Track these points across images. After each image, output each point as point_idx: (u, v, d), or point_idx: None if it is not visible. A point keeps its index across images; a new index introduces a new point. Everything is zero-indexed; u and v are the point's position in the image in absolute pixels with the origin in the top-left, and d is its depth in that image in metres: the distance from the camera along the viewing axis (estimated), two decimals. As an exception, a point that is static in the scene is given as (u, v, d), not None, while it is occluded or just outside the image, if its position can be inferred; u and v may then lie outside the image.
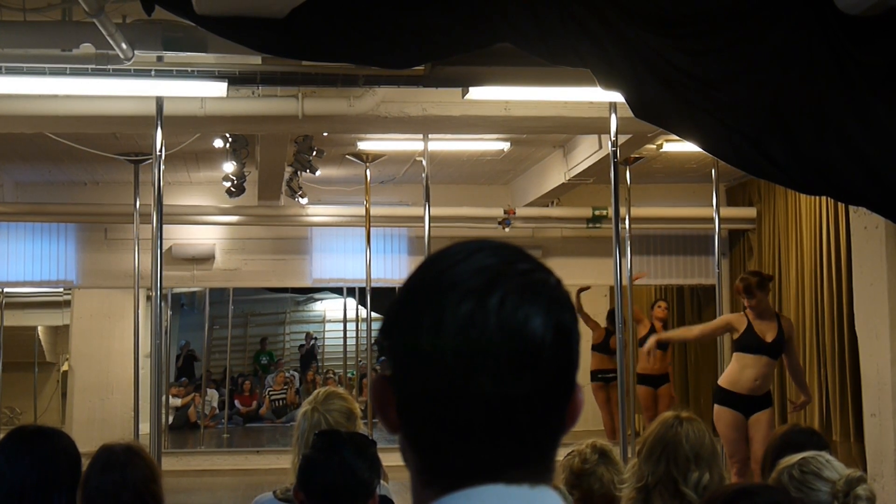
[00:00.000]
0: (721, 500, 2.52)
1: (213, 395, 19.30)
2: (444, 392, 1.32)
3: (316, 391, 4.33)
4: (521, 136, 11.04)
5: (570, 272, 14.88)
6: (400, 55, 5.83)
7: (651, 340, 8.76)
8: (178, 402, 18.65)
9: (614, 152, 8.47)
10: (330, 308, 22.61)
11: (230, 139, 10.64)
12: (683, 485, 3.45)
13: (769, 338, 8.23)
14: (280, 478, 12.58)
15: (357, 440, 3.33)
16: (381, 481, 4.00)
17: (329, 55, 6.12)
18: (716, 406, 8.54)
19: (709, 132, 5.70)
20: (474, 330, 1.31)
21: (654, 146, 11.18)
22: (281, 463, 13.44)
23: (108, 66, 6.68)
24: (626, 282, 11.68)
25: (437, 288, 1.34)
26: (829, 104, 5.55)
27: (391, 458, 9.90)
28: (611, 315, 14.16)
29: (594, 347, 14.09)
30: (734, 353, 8.52)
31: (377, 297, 12.96)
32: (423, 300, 1.35)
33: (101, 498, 3.55)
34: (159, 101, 7.55)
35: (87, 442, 13.35)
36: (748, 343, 8.27)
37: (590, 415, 15.73)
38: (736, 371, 8.34)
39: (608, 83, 5.83)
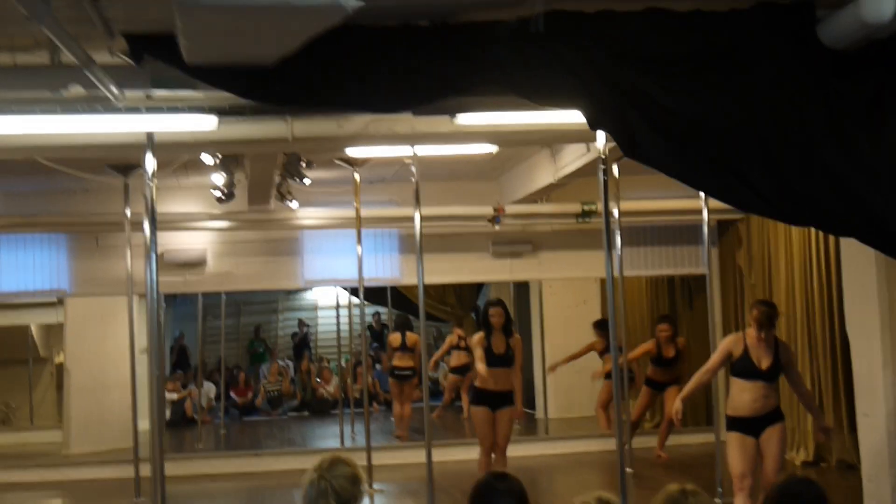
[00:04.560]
0: None
1: (209, 387, 19.39)
2: None
3: (321, 458, 4.38)
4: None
5: (561, 266, 14.98)
6: (391, 100, 5.87)
7: (678, 405, 8.75)
8: (173, 396, 18.73)
9: (603, 160, 8.51)
10: (322, 296, 22.67)
11: (219, 154, 10.67)
12: (689, 559, 3.50)
13: (764, 365, 8.27)
14: (280, 481, 12.74)
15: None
16: None
17: (317, 103, 6.16)
18: (728, 434, 8.60)
19: (698, 171, 5.75)
20: None
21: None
22: (279, 465, 13.63)
23: (98, 107, 6.70)
24: (616, 274, 11.79)
25: None
26: (814, 138, 5.61)
27: (385, 458, 9.95)
28: (601, 324, 14.37)
29: (601, 355, 14.48)
30: (731, 378, 8.56)
31: (369, 290, 13.13)
32: None
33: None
34: (150, 135, 7.59)
35: (87, 442, 13.56)
36: (743, 369, 8.30)
37: (586, 402, 15.93)
38: (736, 396, 8.40)
39: (596, 123, 5.89)
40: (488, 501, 4.33)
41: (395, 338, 15.68)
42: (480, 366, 10.07)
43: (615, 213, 11.77)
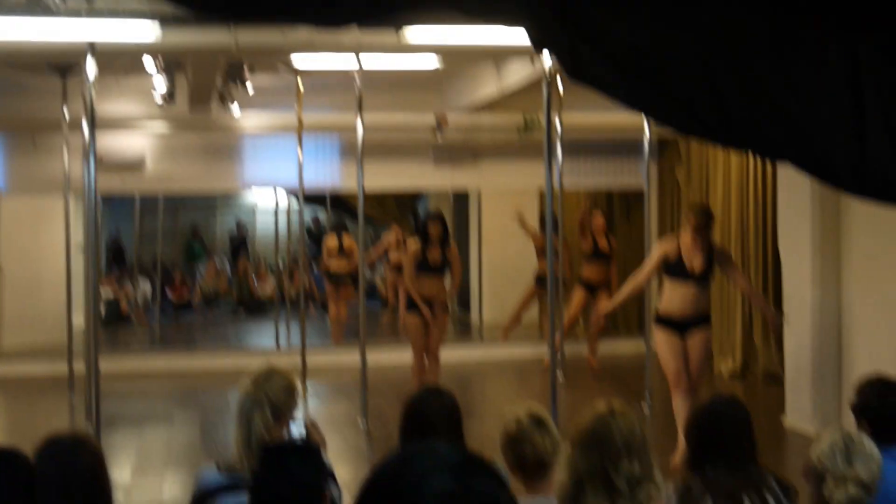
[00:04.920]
0: None
1: (144, 285, 19.33)
2: None
3: (256, 370, 4.43)
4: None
5: (502, 176, 15.05)
6: (335, 15, 5.82)
7: (606, 307, 8.87)
8: (108, 294, 18.66)
9: (547, 74, 8.56)
10: (261, 197, 22.60)
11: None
12: (615, 475, 3.61)
13: (697, 267, 8.44)
14: (214, 380, 12.80)
15: (303, 451, 3.47)
16: (332, 484, 4.18)
17: (261, 15, 6.09)
18: (655, 329, 8.84)
19: (640, 95, 5.77)
20: None
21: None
22: (213, 364, 13.70)
23: (38, 10, 6.61)
24: (556, 186, 11.87)
25: None
26: (757, 66, 5.64)
27: (320, 359, 10.04)
28: (542, 217, 14.43)
29: (540, 253, 14.55)
30: (664, 278, 8.73)
31: (308, 193, 13.20)
32: None
33: (50, 490, 3.61)
34: (91, 44, 7.50)
35: (19, 336, 13.49)
36: (676, 272, 8.47)
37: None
38: (668, 296, 8.58)
39: (540, 44, 5.87)
40: (421, 413, 4.43)
41: (331, 241, 15.75)
42: (411, 282, 10.35)
43: (557, 126, 11.82)
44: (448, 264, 10.45)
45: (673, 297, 8.55)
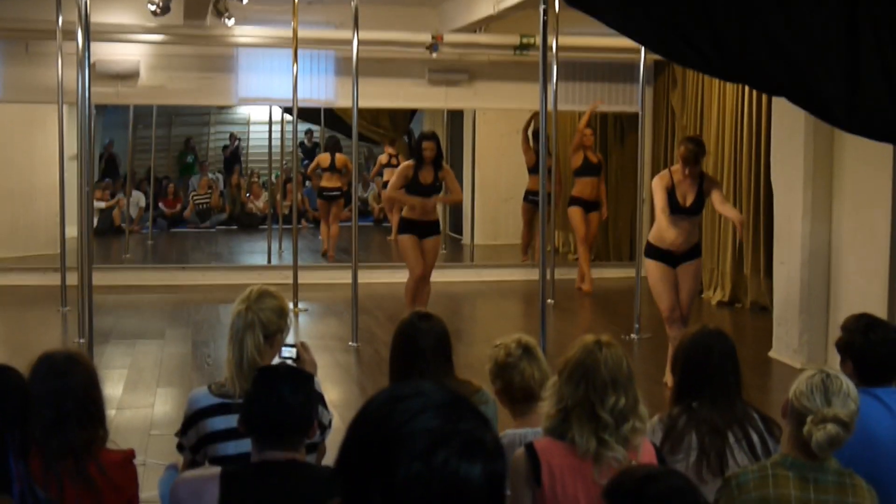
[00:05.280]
0: (629, 485, 2.76)
1: (138, 196, 19.31)
2: None
3: (248, 290, 4.46)
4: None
5: (497, 96, 14.99)
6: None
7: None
8: (101, 204, 18.65)
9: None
10: (255, 110, 22.48)
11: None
12: (600, 408, 3.67)
13: (689, 201, 8.45)
14: (206, 295, 12.88)
15: (294, 377, 3.51)
16: (322, 408, 4.23)
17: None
18: (645, 259, 8.89)
19: (638, 24, 5.79)
20: (422, 487, 1.55)
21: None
22: (205, 279, 13.76)
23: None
24: (550, 107, 11.84)
25: (388, 449, 1.57)
26: (756, 2, 5.65)
27: (312, 277, 10.06)
28: (536, 134, 14.39)
29: (530, 171, 14.59)
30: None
31: (303, 108, 13.12)
32: (374, 459, 1.59)
33: (43, 406, 3.66)
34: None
35: (11, 247, 13.53)
36: (669, 205, 8.46)
37: (512, 230, 16.18)
38: (659, 228, 8.60)
39: (540, -30, 5.87)
40: (411, 339, 4.49)
41: (324, 158, 15.76)
42: (393, 194, 10.35)
43: (553, 46, 11.76)
44: (440, 187, 10.44)
45: (665, 229, 8.57)
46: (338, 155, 15.59)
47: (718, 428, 4.18)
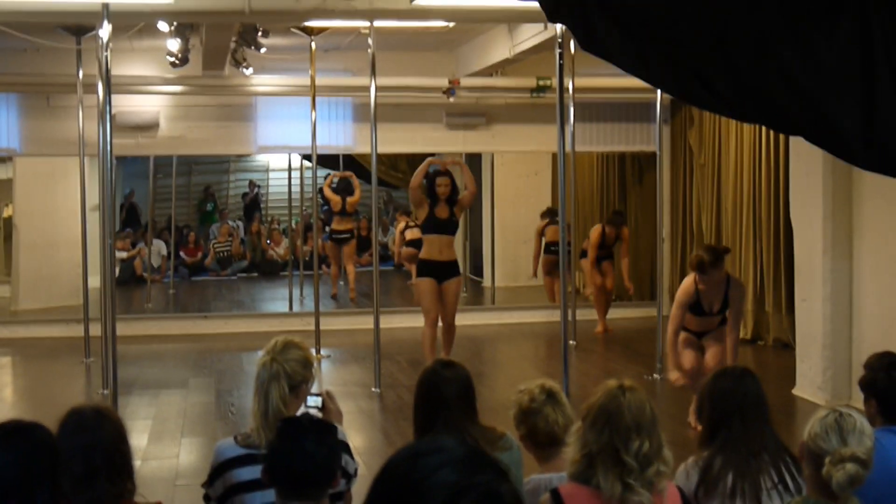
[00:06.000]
0: None
1: (159, 245, 19.39)
2: None
3: (273, 341, 4.48)
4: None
5: (515, 139, 15.05)
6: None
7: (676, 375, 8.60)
8: (123, 254, 18.74)
9: (559, 37, 8.59)
10: (274, 157, 22.63)
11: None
12: (624, 453, 3.66)
13: (715, 308, 8.37)
14: (228, 343, 12.89)
15: (318, 428, 3.53)
16: (347, 457, 4.24)
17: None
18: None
19: (653, 67, 5.79)
20: None
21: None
22: (227, 328, 13.80)
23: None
24: (568, 149, 11.89)
25: (408, 503, 1.60)
26: (770, 38, 5.65)
27: (333, 323, 10.07)
28: (550, 212, 14.59)
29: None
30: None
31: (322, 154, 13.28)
32: None
33: (72, 462, 3.66)
34: (105, 6, 7.54)
35: (34, 298, 13.62)
36: (695, 311, 8.37)
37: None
38: (688, 318, 8.41)
39: (554, 15, 5.89)
40: (435, 387, 4.49)
41: (335, 201, 15.84)
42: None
43: (569, 88, 11.81)
44: (456, 222, 10.42)
45: (692, 320, 8.49)
46: (348, 198, 15.70)
47: (752, 470, 4.16)
